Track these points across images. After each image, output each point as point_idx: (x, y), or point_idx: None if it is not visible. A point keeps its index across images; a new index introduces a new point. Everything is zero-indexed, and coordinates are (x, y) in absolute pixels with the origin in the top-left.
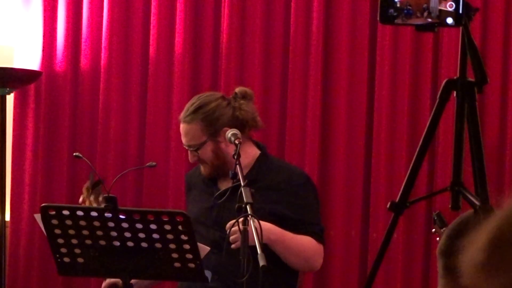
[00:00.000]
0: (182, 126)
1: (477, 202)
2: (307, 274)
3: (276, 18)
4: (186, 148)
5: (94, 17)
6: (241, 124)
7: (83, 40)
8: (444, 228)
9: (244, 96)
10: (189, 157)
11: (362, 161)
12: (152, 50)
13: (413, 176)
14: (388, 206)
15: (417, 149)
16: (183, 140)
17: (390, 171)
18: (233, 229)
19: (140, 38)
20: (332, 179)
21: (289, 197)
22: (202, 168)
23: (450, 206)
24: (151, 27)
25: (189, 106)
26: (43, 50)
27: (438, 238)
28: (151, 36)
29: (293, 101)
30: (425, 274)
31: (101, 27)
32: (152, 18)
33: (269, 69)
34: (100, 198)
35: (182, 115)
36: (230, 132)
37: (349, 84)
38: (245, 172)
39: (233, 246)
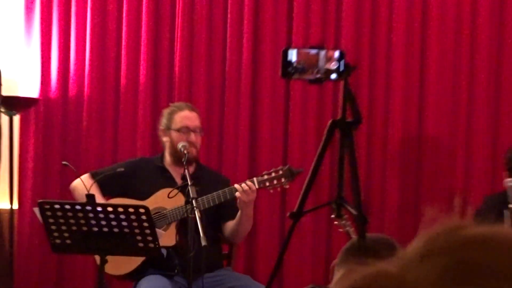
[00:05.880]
0: (194, 114)
1: (354, 211)
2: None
3: (216, 51)
4: (197, 130)
5: (79, 57)
6: None
7: (71, 74)
8: (344, 217)
9: None
10: (195, 138)
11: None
12: (122, 81)
13: (306, 193)
14: (288, 215)
15: (310, 171)
16: (195, 123)
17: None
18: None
19: (113, 73)
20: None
21: None
22: (190, 150)
23: (335, 215)
24: (122, 64)
25: (185, 103)
26: (41, 82)
27: (341, 229)
28: (121, 70)
29: (229, 118)
30: (328, 250)
31: (84, 65)
32: (122, 57)
33: (212, 90)
34: None
35: (186, 106)
36: (181, 144)
37: (271, 110)
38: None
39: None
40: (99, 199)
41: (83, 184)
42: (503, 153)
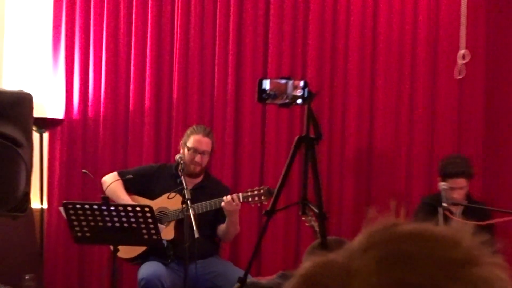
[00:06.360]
0: (206, 139)
1: (316, 210)
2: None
3: (206, 82)
4: (204, 153)
5: (96, 86)
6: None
7: (90, 100)
8: (309, 214)
9: None
10: (199, 159)
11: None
12: (131, 105)
13: (278, 195)
14: (263, 212)
15: (281, 177)
16: (203, 147)
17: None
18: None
19: (124, 99)
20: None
21: None
22: (194, 167)
23: (300, 212)
24: (131, 91)
25: (204, 128)
26: (65, 106)
27: (307, 224)
28: (130, 97)
29: (217, 134)
30: (297, 241)
31: (100, 92)
32: (131, 86)
33: (203, 113)
34: None
35: (203, 131)
36: (178, 156)
37: (251, 128)
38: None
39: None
40: (123, 193)
41: (110, 179)
42: (437, 162)
